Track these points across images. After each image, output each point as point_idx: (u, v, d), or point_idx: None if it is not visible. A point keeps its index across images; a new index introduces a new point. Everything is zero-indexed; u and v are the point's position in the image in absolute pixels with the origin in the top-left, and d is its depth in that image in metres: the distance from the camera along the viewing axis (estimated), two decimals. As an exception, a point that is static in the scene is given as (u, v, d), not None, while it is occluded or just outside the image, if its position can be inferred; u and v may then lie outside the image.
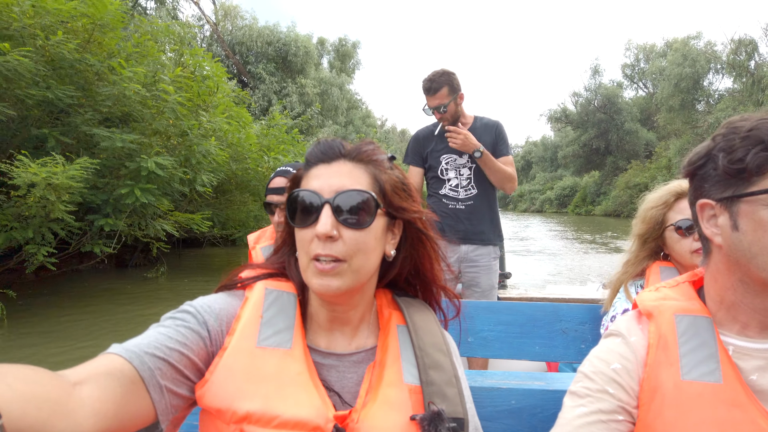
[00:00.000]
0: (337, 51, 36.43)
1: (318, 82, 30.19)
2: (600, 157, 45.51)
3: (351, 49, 36.54)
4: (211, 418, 0.69)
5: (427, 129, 2.73)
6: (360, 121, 36.70)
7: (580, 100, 45.54)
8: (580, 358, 1.66)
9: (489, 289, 2.64)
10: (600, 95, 43.98)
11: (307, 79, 28.72)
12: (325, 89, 30.96)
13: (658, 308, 0.81)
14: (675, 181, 1.50)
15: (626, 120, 42.46)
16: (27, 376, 0.52)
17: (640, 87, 47.63)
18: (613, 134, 43.05)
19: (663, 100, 32.89)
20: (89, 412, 0.56)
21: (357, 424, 0.70)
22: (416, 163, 2.73)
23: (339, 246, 0.72)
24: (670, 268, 1.48)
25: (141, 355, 0.64)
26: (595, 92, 44.63)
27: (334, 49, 36.53)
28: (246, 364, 0.70)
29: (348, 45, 36.46)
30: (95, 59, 6.32)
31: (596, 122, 44.14)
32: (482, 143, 2.54)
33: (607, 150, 44.30)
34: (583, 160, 47.70)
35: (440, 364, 0.78)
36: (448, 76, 2.54)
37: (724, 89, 30.68)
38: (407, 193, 0.81)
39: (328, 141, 0.79)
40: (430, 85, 2.52)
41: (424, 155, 2.70)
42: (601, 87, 44.43)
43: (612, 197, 39.46)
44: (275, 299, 0.78)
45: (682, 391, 0.72)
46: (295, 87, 28.28)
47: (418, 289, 0.89)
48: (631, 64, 46.96)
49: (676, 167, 29.64)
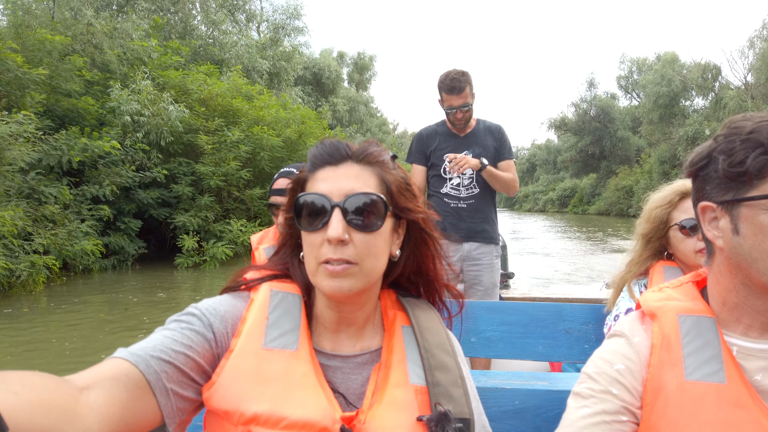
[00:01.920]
0: (355, 64, 41.73)
1: (347, 100, 35.50)
2: (595, 161, 50.40)
3: (368, 62, 41.90)
4: (217, 420, 0.69)
5: (430, 128, 2.77)
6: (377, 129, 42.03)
7: (578, 110, 50.57)
8: (584, 358, 1.63)
9: (491, 288, 2.66)
10: (595, 106, 48.97)
11: (337, 98, 33.98)
12: (353, 106, 36.30)
13: (662, 308, 0.80)
14: (679, 180, 1.49)
15: (619, 128, 47.27)
16: (33, 383, 0.52)
17: (633, 97, 52.44)
18: (606, 141, 47.94)
19: (644, 114, 37.97)
20: (96, 417, 0.56)
21: (364, 425, 0.70)
22: (419, 161, 2.74)
23: (350, 250, 0.72)
24: (674, 267, 1.47)
25: (147, 358, 0.64)
26: (590, 103, 49.61)
27: (353, 62, 41.86)
28: (253, 366, 0.70)
29: (365, 58, 41.83)
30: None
31: (592, 130, 49.07)
32: (485, 147, 2.66)
33: (602, 155, 49.19)
34: (580, 164, 52.65)
35: (446, 364, 0.78)
36: (468, 76, 2.59)
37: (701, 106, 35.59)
38: (411, 193, 0.82)
39: (333, 142, 0.79)
40: (456, 85, 2.54)
41: (427, 154, 2.71)
42: (596, 98, 49.36)
43: (603, 198, 44.44)
44: (281, 301, 0.78)
45: (685, 391, 0.72)
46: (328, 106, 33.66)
47: (421, 287, 0.89)
48: (625, 76, 51.50)
49: (656, 172, 34.71)
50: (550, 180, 66.75)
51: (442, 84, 2.58)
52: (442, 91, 2.60)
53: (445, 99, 2.59)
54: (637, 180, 37.15)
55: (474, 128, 2.69)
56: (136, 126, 10.14)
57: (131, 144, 9.99)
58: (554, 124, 54.24)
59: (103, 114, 10.28)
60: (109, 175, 9.46)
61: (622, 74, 51.30)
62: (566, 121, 53.21)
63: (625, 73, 50.97)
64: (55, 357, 4.97)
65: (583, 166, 52.57)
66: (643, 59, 49.18)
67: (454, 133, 2.70)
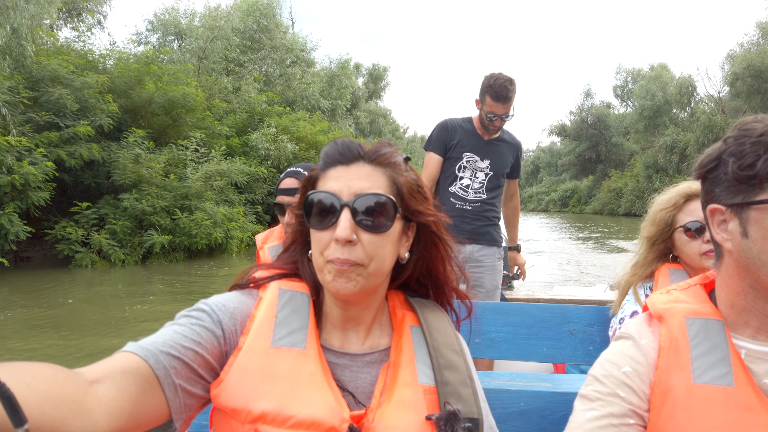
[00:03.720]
0: (370, 74, 46.55)
1: (368, 114, 40.77)
2: (592, 165, 55.46)
3: (382, 73, 46.70)
4: (225, 418, 0.69)
5: (456, 121, 2.70)
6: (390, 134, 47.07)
7: (576, 118, 55.79)
8: (588, 359, 1.66)
9: (493, 290, 2.66)
10: (591, 114, 54.15)
11: (360, 111, 39.22)
12: (373, 119, 41.61)
13: (669, 311, 0.80)
14: (684, 182, 1.49)
15: (613, 135, 52.35)
16: (45, 375, 0.52)
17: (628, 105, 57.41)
18: (602, 146, 53.06)
19: (632, 124, 43.16)
20: (105, 410, 0.56)
21: (372, 424, 0.70)
22: (438, 151, 2.67)
23: (357, 251, 0.72)
24: (679, 270, 1.46)
25: (156, 353, 0.65)
26: (587, 111, 54.79)
27: (368, 72, 46.64)
28: (261, 364, 0.70)
29: (380, 69, 46.63)
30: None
31: (589, 136, 54.24)
32: (506, 162, 2.68)
33: (598, 159, 54.26)
34: (578, 167, 57.79)
35: (455, 364, 0.78)
36: (515, 85, 2.52)
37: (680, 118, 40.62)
38: (423, 195, 0.81)
39: (346, 141, 0.79)
40: (504, 93, 2.47)
41: (448, 146, 2.66)
42: (592, 107, 54.56)
43: (598, 199, 49.46)
44: (289, 299, 0.78)
45: (693, 394, 0.71)
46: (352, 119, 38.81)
47: (430, 289, 0.89)
48: (621, 86, 56.54)
49: (641, 176, 39.82)
50: (553, 181, 70.50)
51: (490, 89, 2.50)
52: (488, 95, 2.51)
53: (489, 104, 2.52)
54: (626, 183, 42.29)
55: (499, 136, 2.69)
56: (265, 157, 15.72)
57: (266, 168, 15.52)
58: (554, 130, 59.54)
59: (246, 149, 15.83)
60: (258, 187, 15.11)
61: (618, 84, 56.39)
62: (565, 127, 58.43)
63: (621, 82, 55.83)
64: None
65: (581, 169, 57.68)
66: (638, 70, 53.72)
67: (478, 134, 2.66)
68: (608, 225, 29.50)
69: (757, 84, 29.76)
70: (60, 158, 9.99)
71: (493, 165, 2.64)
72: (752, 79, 29.87)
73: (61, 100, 10.40)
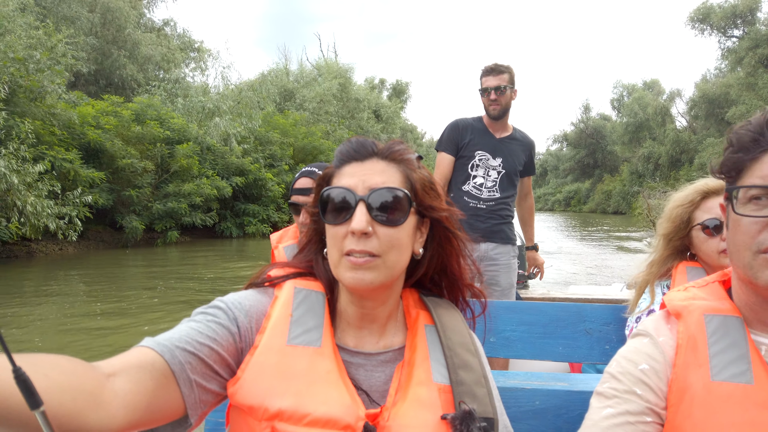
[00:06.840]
0: (393, 89, 53.78)
1: (401, 129, 48.98)
2: (590, 169, 63.65)
3: (404, 87, 53.86)
4: (242, 415, 0.70)
5: (467, 120, 2.72)
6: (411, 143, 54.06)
7: (576, 128, 64.13)
8: (604, 359, 1.64)
9: (508, 288, 2.65)
10: (589, 126, 62.47)
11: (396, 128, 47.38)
12: (403, 134, 49.96)
13: (687, 308, 0.79)
14: (702, 179, 1.47)
15: (608, 143, 60.52)
16: (63, 367, 0.53)
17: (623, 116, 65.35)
18: (599, 153, 61.30)
19: (617, 137, 51.45)
20: (121, 404, 0.57)
21: (388, 423, 0.70)
22: (450, 150, 2.68)
23: (373, 242, 0.73)
24: (697, 268, 1.44)
25: (172, 349, 0.65)
26: (586, 123, 63.09)
27: (391, 87, 53.86)
28: (277, 362, 0.71)
29: (402, 84, 53.77)
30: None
31: (587, 144, 62.56)
32: (518, 159, 2.69)
33: (595, 164, 62.42)
34: (578, 172, 66.12)
35: (469, 363, 0.78)
36: (511, 68, 2.60)
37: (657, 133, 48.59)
38: (436, 192, 0.82)
39: (360, 139, 0.80)
40: (495, 67, 2.55)
41: (460, 145, 2.67)
42: (590, 120, 62.86)
43: (592, 199, 57.67)
44: (304, 298, 0.79)
45: (711, 392, 0.70)
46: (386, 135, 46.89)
47: (444, 287, 0.89)
48: (618, 99, 64.54)
49: (627, 180, 47.77)
50: (558, 183, 77.79)
51: (483, 69, 2.61)
52: (481, 76, 2.61)
53: (482, 82, 2.60)
54: (615, 186, 50.47)
55: (510, 134, 2.70)
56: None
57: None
58: (558, 138, 67.97)
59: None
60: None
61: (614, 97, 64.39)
62: (567, 136, 66.79)
63: (617, 96, 63.93)
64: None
65: (581, 174, 65.89)
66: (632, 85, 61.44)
67: (490, 132, 2.67)
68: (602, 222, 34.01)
69: (711, 109, 37.83)
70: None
71: (505, 163, 2.65)
72: (707, 105, 37.96)
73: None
